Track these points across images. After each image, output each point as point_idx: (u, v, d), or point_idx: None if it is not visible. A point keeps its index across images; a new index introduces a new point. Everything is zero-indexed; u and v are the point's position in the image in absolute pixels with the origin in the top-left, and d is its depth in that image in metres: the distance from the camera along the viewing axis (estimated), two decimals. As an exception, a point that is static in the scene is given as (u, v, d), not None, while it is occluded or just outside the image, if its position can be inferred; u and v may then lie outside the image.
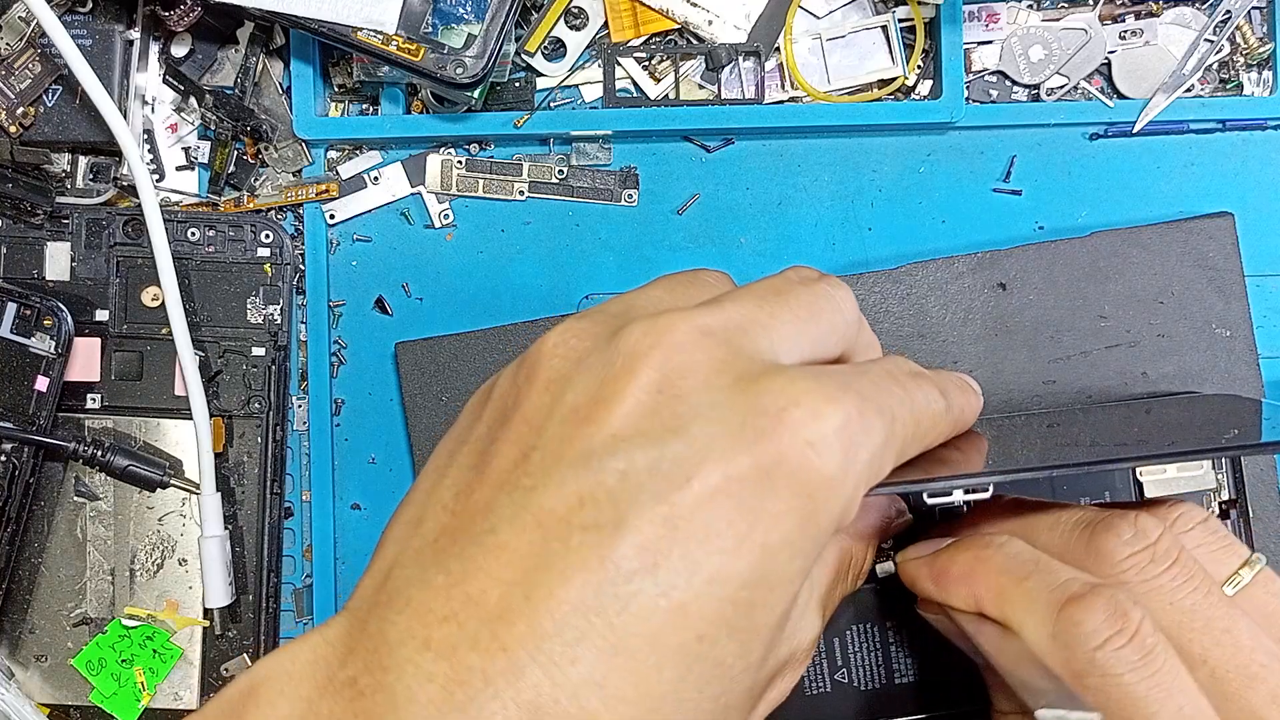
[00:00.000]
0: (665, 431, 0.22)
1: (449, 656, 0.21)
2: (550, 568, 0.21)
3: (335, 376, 0.47)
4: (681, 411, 0.23)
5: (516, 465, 0.23)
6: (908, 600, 0.40)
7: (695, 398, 0.23)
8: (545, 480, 0.22)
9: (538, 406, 0.24)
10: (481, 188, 0.46)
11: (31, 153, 0.46)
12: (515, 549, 0.22)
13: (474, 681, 0.20)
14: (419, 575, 0.22)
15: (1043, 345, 0.43)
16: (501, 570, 0.21)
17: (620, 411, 0.23)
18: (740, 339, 0.25)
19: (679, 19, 0.45)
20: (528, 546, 0.22)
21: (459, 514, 0.23)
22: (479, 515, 0.23)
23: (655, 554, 0.21)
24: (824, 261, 0.46)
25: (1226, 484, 0.41)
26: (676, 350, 0.24)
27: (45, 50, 0.45)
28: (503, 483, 0.23)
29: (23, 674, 0.46)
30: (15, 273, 0.46)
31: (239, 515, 0.46)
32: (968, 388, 0.31)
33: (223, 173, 0.46)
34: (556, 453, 0.23)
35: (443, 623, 0.21)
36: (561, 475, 0.22)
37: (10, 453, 0.44)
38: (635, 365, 0.23)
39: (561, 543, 0.21)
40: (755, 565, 0.22)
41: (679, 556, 0.21)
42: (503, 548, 0.22)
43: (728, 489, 0.22)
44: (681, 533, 0.21)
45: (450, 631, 0.21)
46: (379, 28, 0.42)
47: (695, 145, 0.46)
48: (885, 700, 0.40)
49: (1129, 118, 0.45)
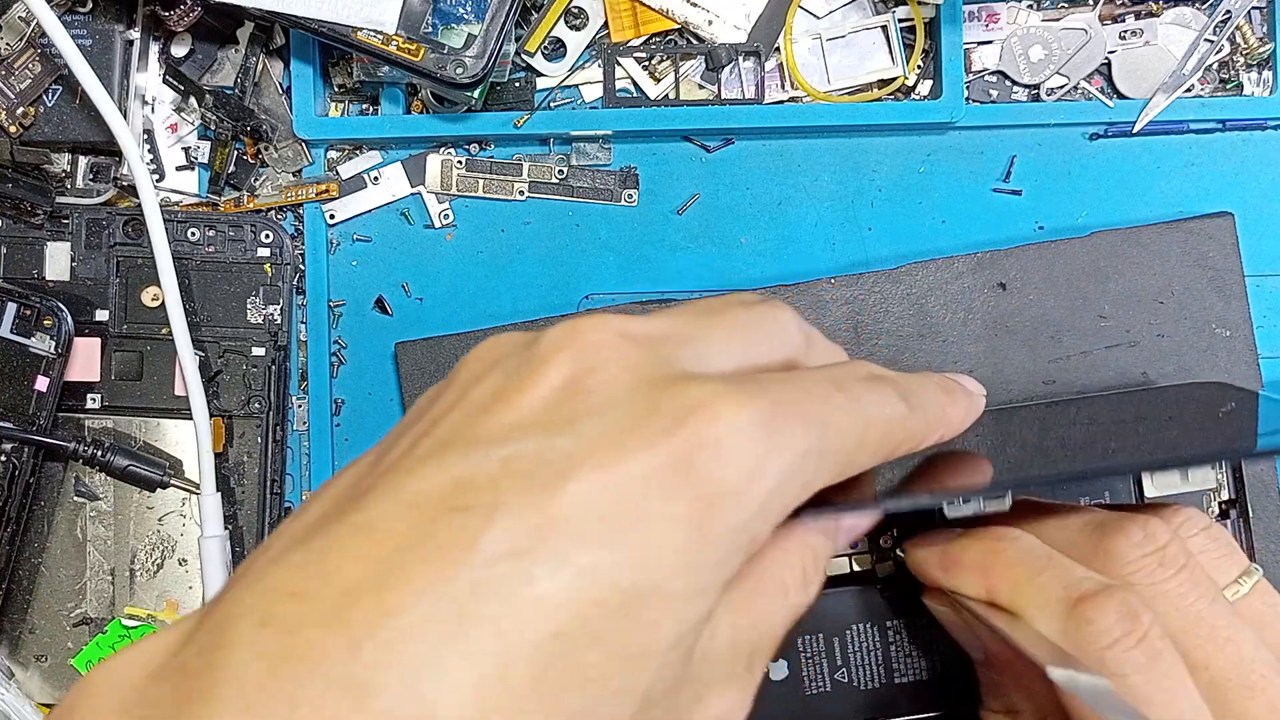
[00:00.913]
0: (559, 424, 0.22)
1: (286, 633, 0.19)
2: (413, 548, 0.20)
3: (335, 376, 0.47)
4: (580, 407, 0.22)
5: (406, 454, 0.22)
6: (908, 601, 0.41)
7: (598, 395, 0.22)
8: (426, 465, 0.21)
9: (446, 404, 0.24)
10: (481, 188, 0.46)
11: (31, 153, 0.46)
12: (382, 529, 0.21)
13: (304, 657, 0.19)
14: (281, 555, 0.21)
15: (1043, 345, 0.43)
16: (363, 549, 0.20)
17: (519, 403, 0.22)
18: (663, 347, 0.24)
19: (679, 19, 0.45)
20: (395, 527, 0.21)
21: (341, 500, 0.22)
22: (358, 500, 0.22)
23: (523, 542, 0.20)
24: (824, 261, 0.46)
25: (1226, 484, 0.41)
26: (590, 349, 0.23)
27: (45, 50, 0.45)
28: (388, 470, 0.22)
29: (23, 674, 0.46)
30: (15, 273, 0.46)
31: (239, 515, 0.46)
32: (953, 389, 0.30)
33: (223, 173, 0.46)
34: (446, 440, 0.22)
35: (288, 599, 0.20)
36: (444, 460, 0.21)
37: (10, 453, 0.44)
38: (547, 362, 0.23)
39: (430, 524, 0.20)
40: (630, 570, 0.20)
41: (548, 547, 0.20)
42: (370, 527, 0.21)
43: (612, 486, 0.21)
44: (555, 524, 0.20)
45: (293, 608, 0.20)
46: (379, 28, 0.42)
47: (695, 145, 0.46)
48: (885, 700, 0.40)
49: (1129, 118, 0.45)
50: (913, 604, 0.41)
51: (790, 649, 0.40)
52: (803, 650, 0.40)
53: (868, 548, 0.41)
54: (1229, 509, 0.41)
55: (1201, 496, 0.41)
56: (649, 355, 0.23)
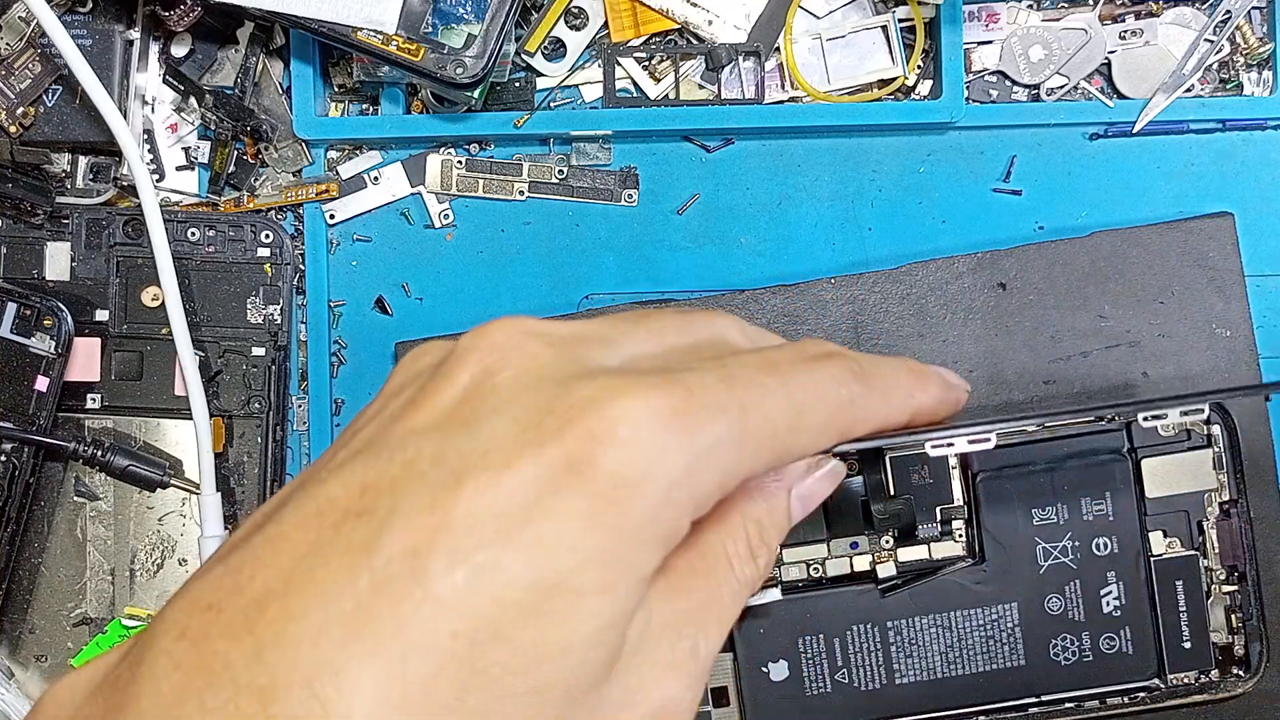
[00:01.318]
0: (460, 424, 0.22)
1: (200, 643, 0.20)
2: (317, 553, 0.21)
3: (335, 376, 0.47)
4: (482, 407, 0.22)
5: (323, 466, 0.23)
6: (908, 601, 0.41)
7: (500, 394, 0.22)
8: (337, 473, 0.22)
9: (367, 416, 0.24)
10: (481, 188, 0.46)
11: (31, 153, 0.46)
12: (291, 537, 0.21)
13: (215, 667, 0.20)
14: (205, 570, 0.22)
15: (1043, 345, 0.43)
16: (273, 558, 0.21)
17: (426, 407, 0.23)
18: (578, 347, 0.24)
19: (679, 19, 0.45)
20: (303, 535, 0.21)
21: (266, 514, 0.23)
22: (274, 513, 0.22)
23: (421, 541, 0.20)
24: (824, 261, 0.46)
25: (1227, 484, 0.41)
26: (497, 349, 0.23)
27: (45, 50, 0.45)
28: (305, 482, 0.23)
29: (23, 674, 0.46)
30: (15, 273, 0.46)
31: (239, 515, 0.46)
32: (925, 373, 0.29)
33: (223, 173, 0.46)
34: (357, 449, 0.22)
35: (204, 611, 0.21)
36: (353, 467, 0.22)
37: (10, 453, 0.44)
38: (456, 365, 0.23)
39: (333, 529, 0.21)
40: (528, 567, 0.20)
41: (444, 546, 0.20)
42: (282, 536, 0.21)
43: (507, 484, 0.21)
44: (452, 523, 0.20)
45: (208, 619, 0.20)
46: (379, 28, 0.42)
47: (695, 145, 0.46)
48: (885, 700, 0.40)
49: (1129, 118, 0.45)
50: (913, 604, 0.41)
51: (790, 649, 0.40)
52: (803, 650, 0.40)
53: (868, 548, 0.41)
54: (1229, 509, 0.41)
55: (1202, 496, 0.41)
56: (559, 354, 0.23)
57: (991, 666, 0.40)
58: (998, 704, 0.41)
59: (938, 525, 0.41)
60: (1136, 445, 0.41)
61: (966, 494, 0.41)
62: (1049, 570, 0.40)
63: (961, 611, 0.40)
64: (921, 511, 0.41)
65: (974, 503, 0.41)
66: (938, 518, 0.41)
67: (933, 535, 0.41)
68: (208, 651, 0.20)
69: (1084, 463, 0.40)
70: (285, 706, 0.19)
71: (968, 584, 0.40)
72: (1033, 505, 0.40)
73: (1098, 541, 0.40)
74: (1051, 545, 0.40)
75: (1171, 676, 0.41)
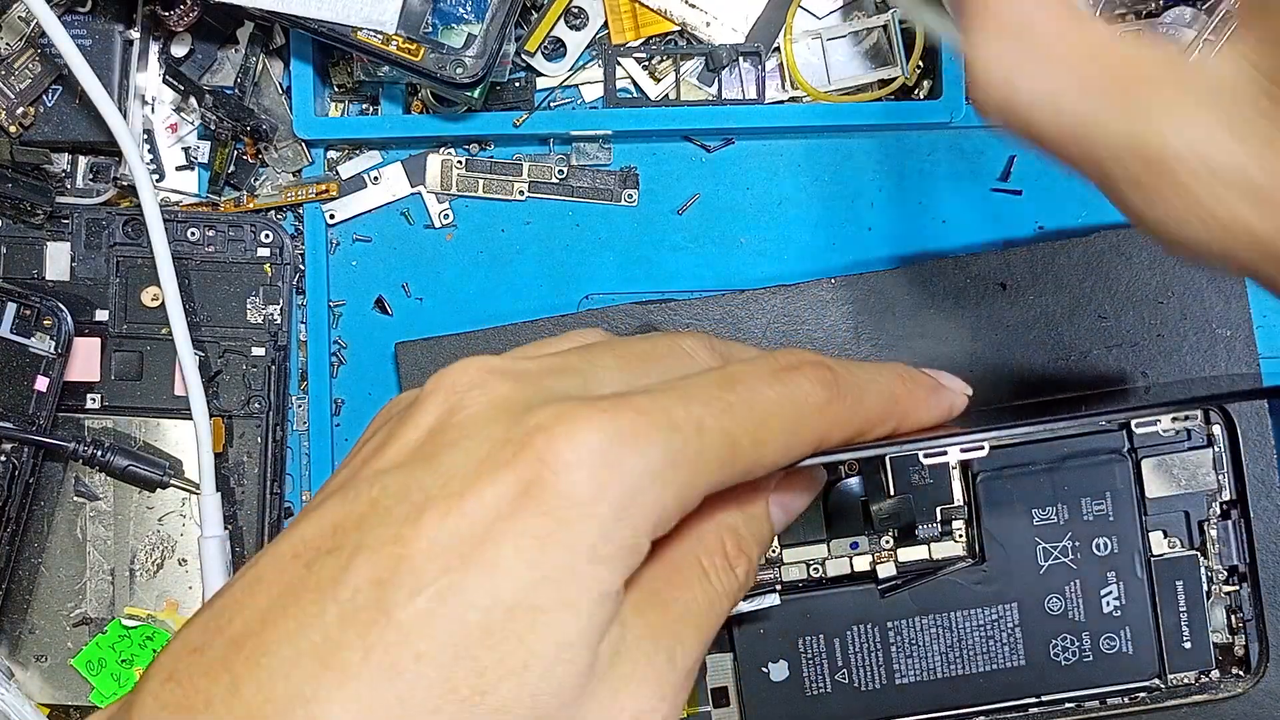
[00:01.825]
0: (422, 461, 0.23)
1: (184, 683, 0.21)
2: (289, 592, 0.22)
3: (335, 376, 0.47)
4: (443, 443, 0.23)
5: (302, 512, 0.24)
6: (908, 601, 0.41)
7: (460, 430, 0.23)
8: (310, 516, 0.23)
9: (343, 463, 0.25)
10: (481, 188, 0.46)
11: (31, 153, 0.46)
12: (267, 579, 0.22)
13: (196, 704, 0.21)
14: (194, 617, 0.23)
15: (1043, 345, 0.43)
16: (251, 599, 0.22)
17: (393, 448, 0.24)
18: (540, 379, 0.24)
19: (677, 20, 0.45)
20: (279, 575, 0.22)
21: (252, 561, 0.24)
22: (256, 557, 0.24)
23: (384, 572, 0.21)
24: (824, 261, 0.46)
25: (1227, 484, 0.41)
26: (458, 390, 0.24)
27: (45, 50, 0.45)
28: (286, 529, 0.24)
29: (23, 674, 0.46)
30: (15, 273, 0.46)
31: (239, 515, 0.46)
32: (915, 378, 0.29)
33: (223, 173, 0.46)
34: (330, 492, 0.24)
35: (189, 653, 0.22)
36: (324, 509, 0.23)
37: (10, 453, 0.44)
38: (420, 407, 0.24)
39: (305, 568, 0.22)
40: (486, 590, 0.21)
41: (406, 575, 0.21)
42: (259, 579, 0.23)
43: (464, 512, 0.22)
44: (414, 553, 0.21)
45: (193, 660, 0.22)
46: (379, 28, 0.42)
47: (695, 145, 0.46)
48: (885, 700, 0.41)
49: (1129, 118, 0.45)
50: (913, 604, 0.41)
51: (790, 650, 0.41)
52: (803, 651, 0.40)
53: (868, 548, 0.41)
54: (1229, 509, 0.41)
55: (1202, 497, 0.41)
56: (520, 388, 0.24)
57: (991, 666, 0.40)
58: (998, 704, 0.41)
59: (938, 525, 0.41)
60: (1136, 445, 0.41)
61: (966, 494, 0.41)
62: (1049, 570, 0.40)
63: (961, 611, 0.40)
64: (921, 511, 0.41)
65: (974, 503, 0.41)
66: (938, 518, 0.41)
67: (933, 535, 0.41)
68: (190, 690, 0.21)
69: (1084, 463, 0.41)
70: None
71: (968, 584, 0.40)
72: (1033, 505, 0.40)
73: (1098, 541, 0.40)
74: (1051, 545, 0.40)
75: (1171, 676, 0.41)
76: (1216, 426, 0.41)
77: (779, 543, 0.41)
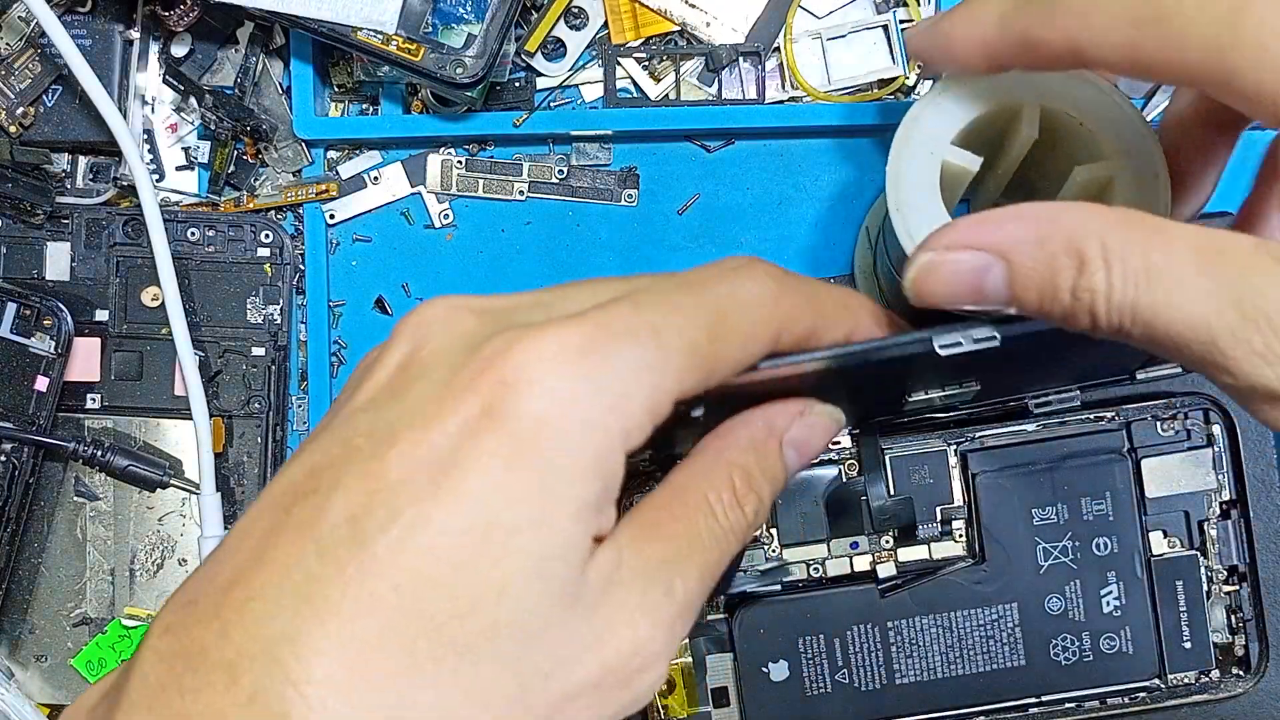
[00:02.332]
0: (389, 396, 0.23)
1: (180, 634, 0.22)
2: (272, 535, 0.22)
3: (335, 376, 0.47)
4: (409, 378, 0.23)
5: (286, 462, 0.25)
6: (908, 601, 0.41)
7: (425, 364, 0.24)
8: (290, 463, 0.24)
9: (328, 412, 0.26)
10: (481, 188, 0.46)
11: (31, 153, 0.46)
12: (254, 528, 0.23)
13: (192, 652, 0.21)
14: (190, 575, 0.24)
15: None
16: (240, 546, 0.23)
17: (364, 389, 0.24)
18: (507, 313, 0.25)
19: (677, 20, 0.45)
20: (263, 521, 0.23)
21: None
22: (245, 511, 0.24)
23: (358, 508, 0.22)
24: (824, 261, 0.46)
25: (1227, 484, 0.41)
26: (424, 325, 0.24)
27: (45, 50, 0.45)
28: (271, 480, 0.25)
29: (23, 674, 0.46)
30: (15, 273, 0.46)
31: (239, 515, 0.46)
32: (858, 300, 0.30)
33: (223, 173, 0.46)
34: (311, 438, 0.24)
35: (184, 607, 0.22)
36: (304, 454, 0.23)
37: (10, 453, 0.44)
38: (389, 347, 0.25)
39: (285, 512, 0.22)
40: (457, 514, 0.21)
41: (379, 508, 0.21)
42: (246, 527, 0.23)
43: (430, 442, 0.22)
44: (384, 485, 0.22)
45: (188, 612, 0.22)
46: (379, 28, 0.42)
47: (695, 145, 0.46)
48: (885, 700, 0.40)
49: (1129, 118, 0.45)
50: (913, 604, 0.41)
51: (790, 649, 0.40)
52: (803, 651, 0.40)
53: (868, 548, 0.41)
54: (1229, 509, 0.41)
55: (1202, 497, 0.41)
56: (485, 321, 0.24)
57: (991, 666, 0.40)
58: (998, 704, 0.41)
59: (938, 525, 0.41)
60: (1136, 445, 0.41)
61: (966, 494, 0.41)
62: (1049, 570, 0.40)
63: (961, 611, 0.40)
64: (921, 511, 0.41)
65: (974, 503, 0.41)
66: (938, 518, 0.41)
67: (933, 535, 0.41)
68: (186, 639, 0.22)
69: (1084, 462, 0.40)
70: (251, 677, 0.21)
71: (968, 584, 0.40)
72: (1033, 505, 0.40)
73: (1098, 541, 0.40)
74: (1051, 545, 0.40)
75: (1171, 676, 0.41)
76: (1216, 426, 0.41)
77: (779, 543, 0.41)
